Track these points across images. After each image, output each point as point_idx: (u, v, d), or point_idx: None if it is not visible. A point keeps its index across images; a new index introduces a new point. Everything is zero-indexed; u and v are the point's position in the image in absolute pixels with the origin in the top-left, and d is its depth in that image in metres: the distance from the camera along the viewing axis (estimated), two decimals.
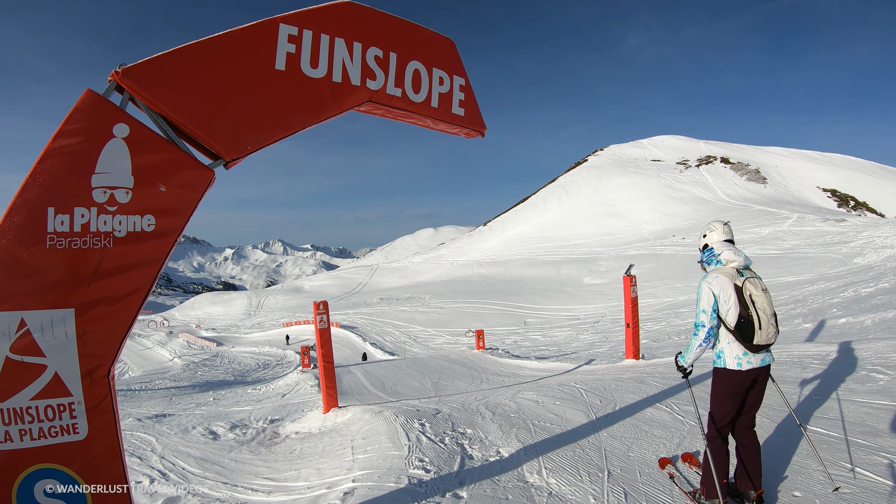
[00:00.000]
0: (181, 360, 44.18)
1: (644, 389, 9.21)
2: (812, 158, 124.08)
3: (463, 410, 9.31)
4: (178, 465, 8.58)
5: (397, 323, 51.45)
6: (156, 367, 43.61)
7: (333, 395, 11.85)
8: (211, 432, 10.88)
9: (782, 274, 42.94)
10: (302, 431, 10.44)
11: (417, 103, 5.07)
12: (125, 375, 40.91)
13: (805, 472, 5.29)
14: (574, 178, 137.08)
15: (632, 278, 14.48)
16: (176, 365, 42.17)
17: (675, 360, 5.20)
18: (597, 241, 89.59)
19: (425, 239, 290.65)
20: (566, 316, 45.19)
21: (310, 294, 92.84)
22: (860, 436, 5.90)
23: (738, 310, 4.40)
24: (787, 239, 60.61)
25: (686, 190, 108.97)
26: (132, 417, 13.53)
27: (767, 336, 4.36)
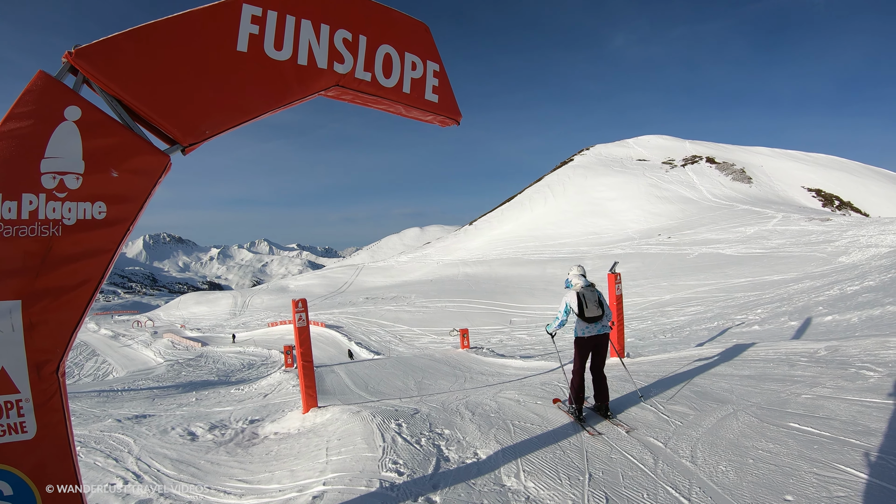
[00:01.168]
0: (165, 361, 43.63)
1: (628, 388, 9.05)
2: (797, 158, 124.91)
3: (442, 410, 9.14)
4: (153, 467, 8.53)
5: (383, 322, 50.97)
6: (140, 367, 42.78)
7: (313, 395, 11.66)
8: (190, 433, 10.83)
9: (767, 273, 42.93)
10: (281, 432, 10.32)
11: (388, 88, 4.85)
12: (109, 376, 40.43)
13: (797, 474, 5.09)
14: (560, 178, 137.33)
15: (616, 276, 14.30)
16: (160, 365, 41.35)
17: (545, 328, 9.04)
18: (582, 241, 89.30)
19: (411, 238, 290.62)
20: (552, 315, 44.44)
21: (295, 293, 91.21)
22: (853, 435, 5.70)
23: (577, 304, 7.46)
24: (772, 238, 60.53)
25: (672, 189, 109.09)
26: (112, 418, 13.45)
27: (593, 311, 7.41)
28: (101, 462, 8.93)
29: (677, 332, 22.95)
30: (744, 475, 5.16)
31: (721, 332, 19.38)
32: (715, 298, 35.20)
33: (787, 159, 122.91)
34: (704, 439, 6.13)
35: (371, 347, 38.59)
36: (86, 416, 14.72)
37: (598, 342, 7.60)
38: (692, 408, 7.26)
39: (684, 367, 10.35)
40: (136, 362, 46.79)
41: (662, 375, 9.74)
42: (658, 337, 22.39)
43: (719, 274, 46.69)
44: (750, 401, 7.30)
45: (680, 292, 41.95)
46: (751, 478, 5.08)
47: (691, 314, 29.88)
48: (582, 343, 7.63)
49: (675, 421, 6.95)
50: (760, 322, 19.72)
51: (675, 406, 7.52)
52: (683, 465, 5.55)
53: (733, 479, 5.12)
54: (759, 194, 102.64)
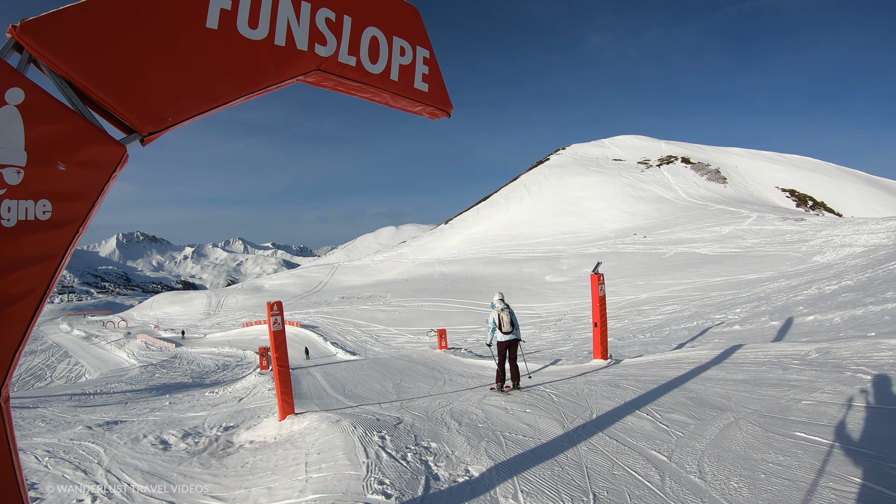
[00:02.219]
0: (139, 362, 42.87)
1: (620, 395, 8.70)
2: (771, 159, 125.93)
3: (426, 420, 8.74)
4: (123, 481, 8.13)
5: (358, 322, 50.41)
6: (113, 368, 41.93)
7: (289, 402, 11.24)
8: (162, 441, 10.48)
9: (742, 272, 43.20)
10: (256, 440, 9.92)
11: (374, 75, 4.33)
12: (82, 378, 39.73)
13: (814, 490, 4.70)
14: (536, 177, 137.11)
15: (599, 276, 13.97)
16: (134, 367, 40.46)
17: (486, 344, 11.20)
18: (559, 240, 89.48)
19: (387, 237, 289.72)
20: (528, 314, 44.54)
21: (270, 293, 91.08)
22: (864, 444, 5.38)
23: (498, 321, 10.58)
24: (747, 238, 61.01)
25: (647, 189, 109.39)
26: (82, 425, 13.05)
27: (506, 327, 10.52)
28: (70, 475, 8.56)
29: (656, 331, 22.78)
30: (758, 492, 4.77)
31: (701, 332, 19.19)
32: (691, 297, 35.30)
33: (761, 160, 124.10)
34: (710, 452, 5.76)
35: (347, 347, 38.20)
36: (56, 423, 14.30)
37: (510, 345, 10.84)
38: (691, 416, 6.90)
39: (673, 370, 10.06)
40: (110, 364, 45.85)
41: (652, 380, 9.41)
42: (637, 336, 22.18)
43: (695, 273, 46.96)
44: (749, 408, 6.98)
45: (656, 291, 42.18)
46: (766, 495, 4.69)
47: (668, 313, 29.91)
48: (500, 346, 10.82)
49: (676, 431, 6.58)
50: (741, 321, 19.55)
51: (672, 415, 7.16)
52: (692, 482, 5.15)
53: (747, 496, 4.73)
54: (733, 194, 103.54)
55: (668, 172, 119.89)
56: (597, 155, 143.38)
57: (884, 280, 20.72)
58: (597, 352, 13.84)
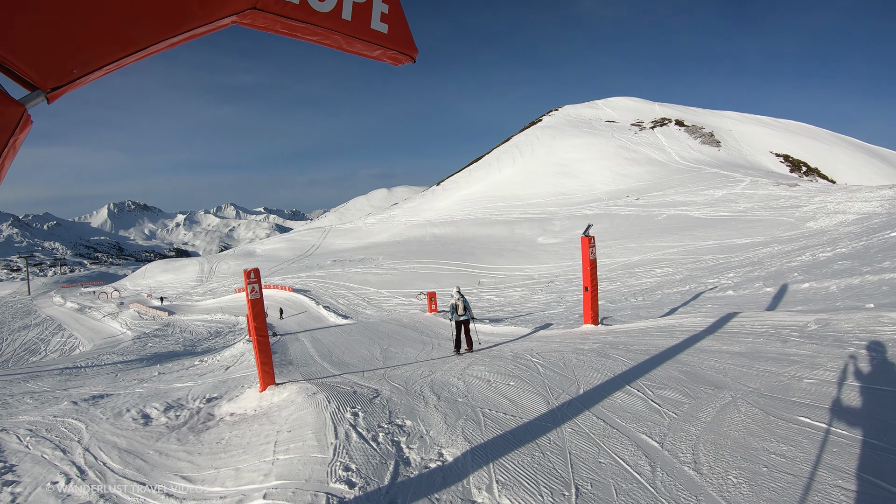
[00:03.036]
0: (132, 332, 42.14)
1: (609, 366, 8.21)
2: (766, 124, 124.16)
3: (405, 392, 8.34)
4: (99, 460, 8.07)
5: (350, 285, 49.88)
6: (107, 340, 41.51)
7: (269, 372, 10.86)
8: (144, 416, 10.41)
9: (735, 236, 42.86)
10: (237, 413, 9.75)
11: (322, 14, 3.63)
12: (75, 351, 39.11)
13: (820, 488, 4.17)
14: (528, 138, 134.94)
15: (590, 239, 13.46)
16: (126, 337, 40.19)
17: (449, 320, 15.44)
18: (551, 201, 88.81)
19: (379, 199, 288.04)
20: (520, 276, 44.42)
21: (262, 258, 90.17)
22: (874, 433, 4.77)
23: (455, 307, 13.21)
24: (740, 202, 60.45)
25: (640, 151, 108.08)
26: (69, 400, 12.92)
27: (460, 311, 13.20)
28: (49, 454, 8.51)
29: (648, 294, 22.47)
30: (760, 490, 4.22)
31: (694, 297, 18.81)
32: (683, 260, 35.09)
33: (755, 124, 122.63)
34: (706, 438, 5.21)
35: (339, 311, 37.77)
36: (44, 399, 14.18)
37: (464, 323, 13.41)
38: (685, 394, 6.40)
39: (666, 339, 9.61)
40: (103, 335, 45.16)
41: (644, 350, 8.95)
42: (629, 300, 21.86)
43: (687, 236, 46.68)
44: (748, 385, 6.47)
45: (648, 254, 41.93)
46: (768, 493, 4.14)
47: (660, 276, 29.74)
48: (456, 324, 13.46)
49: (669, 412, 6.05)
50: (734, 287, 19.17)
51: (665, 391, 6.65)
52: (686, 475, 4.60)
53: (748, 495, 4.18)
54: (727, 158, 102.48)
55: (662, 135, 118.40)
56: (590, 116, 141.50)
57: (880, 249, 20.28)
58: (587, 317, 13.46)
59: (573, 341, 11.27)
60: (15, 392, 15.79)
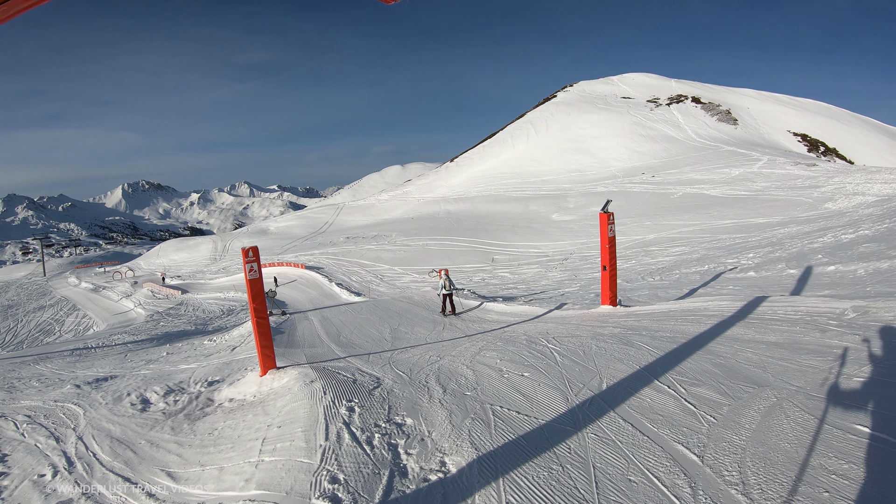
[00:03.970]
0: (145, 311, 41.63)
1: (633, 356, 7.48)
2: (783, 102, 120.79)
3: (408, 383, 7.66)
4: (90, 450, 7.79)
5: (363, 262, 49.14)
6: (120, 319, 40.89)
7: (270, 356, 10.22)
8: (143, 400, 10.07)
9: (752, 215, 41.96)
10: (236, 398, 9.26)
11: None
12: (89, 331, 38.62)
13: None
14: (542, 114, 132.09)
15: (609, 215, 12.70)
16: (140, 316, 39.95)
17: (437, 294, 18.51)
18: (565, 178, 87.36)
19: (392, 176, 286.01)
20: (534, 253, 43.71)
21: (275, 235, 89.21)
22: None
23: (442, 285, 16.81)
24: (757, 181, 59.00)
25: (656, 128, 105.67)
26: (72, 383, 12.62)
27: (447, 287, 16.59)
28: (42, 443, 8.27)
29: (666, 273, 21.78)
30: None
31: (714, 277, 18.13)
32: (700, 239, 34.51)
33: (773, 102, 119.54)
34: (753, 450, 4.40)
35: (352, 288, 37.11)
36: (50, 382, 13.92)
37: (448, 295, 16.43)
38: (722, 392, 5.61)
39: (692, 324, 8.89)
40: (117, 314, 44.70)
41: (670, 336, 8.24)
42: (646, 279, 21.18)
43: (704, 215, 45.86)
44: (792, 384, 5.70)
45: (664, 232, 41.19)
46: None
47: (676, 254, 29.25)
48: (443, 296, 16.55)
49: (706, 415, 5.24)
50: (755, 268, 18.42)
51: (699, 389, 5.88)
52: (735, 501, 3.79)
53: None
54: (744, 136, 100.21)
55: (678, 112, 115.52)
56: (605, 92, 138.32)
57: None
58: (605, 297, 12.76)
59: (591, 324, 10.57)
60: (24, 375, 15.44)
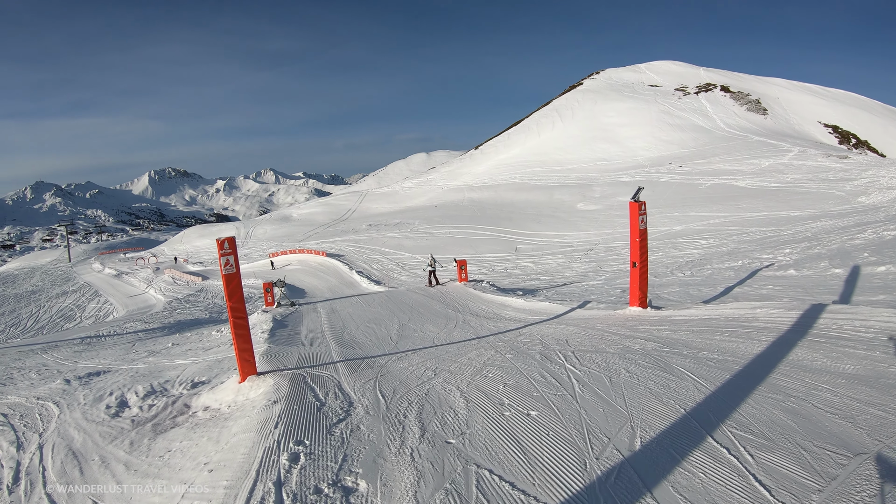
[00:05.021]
0: (165, 298, 40.91)
1: (674, 389, 5.79)
2: (814, 92, 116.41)
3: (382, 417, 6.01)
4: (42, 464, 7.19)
5: (385, 250, 47.93)
6: (140, 305, 40.44)
7: (249, 360, 8.85)
8: (121, 402, 9.42)
9: (783, 208, 40.20)
10: (211, 407, 8.29)
11: None
12: (109, 317, 37.60)
13: None
14: (568, 102, 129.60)
15: (640, 205, 11.12)
16: (159, 303, 39.25)
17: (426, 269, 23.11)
18: (591, 167, 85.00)
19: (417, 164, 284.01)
20: (558, 243, 42.22)
21: (298, 222, 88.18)
22: None
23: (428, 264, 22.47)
24: (788, 172, 56.85)
25: (684, 117, 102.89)
26: (62, 378, 12.02)
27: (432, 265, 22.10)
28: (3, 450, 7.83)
29: (697, 268, 20.13)
30: None
31: (750, 275, 16.39)
32: (728, 232, 33.10)
33: (804, 92, 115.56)
34: None
35: (372, 276, 36.18)
36: (48, 374, 13.43)
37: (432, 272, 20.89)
38: (805, 465, 3.69)
39: (741, 340, 7.23)
40: (138, 301, 43.93)
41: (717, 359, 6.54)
42: (675, 274, 19.56)
43: (733, 206, 44.18)
44: None
45: (692, 223, 39.60)
46: None
47: (705, 247, 27.91)
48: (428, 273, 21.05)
49: None
50: (795, 265, 16.66)
51: (772, 457, 4.09)
52: None
53: None
54: (774, 127, 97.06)
55: (707, 101, 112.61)
56: (632, 80, 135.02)
57: None
58: (634, 298, 11.12)
59: (618, 332, 8.97)
60: (27, 365, 14.97)
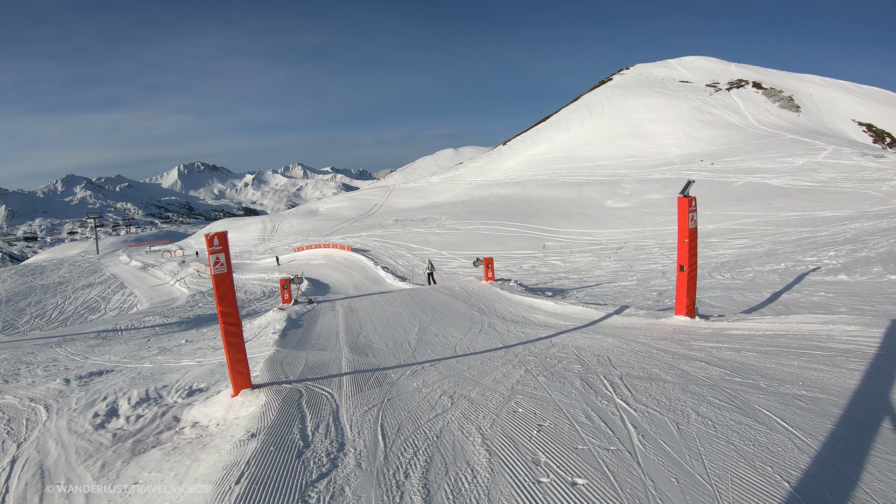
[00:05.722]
0: (189, 291, 41.32)
1: (764, 441, 4.37)
2: (848, 89, 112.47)
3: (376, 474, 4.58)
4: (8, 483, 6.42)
5: (411, 245, 47.48)
6: (164, 298, 40.60)
7: (243, 372, 7.67)
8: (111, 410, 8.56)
9: (818, 208, 38.85)
10: (200, 423, 7.36)
11: None
12: (133, 309, 38.08)
13: None
14: (598, 98, 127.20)
15: (690, 201, 9.83)
16: (183, 295, 39.48)
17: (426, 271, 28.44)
18: (621, 163, 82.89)
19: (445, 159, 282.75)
20: (587, 240, 41.22)
21: (325, 216, 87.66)
22: None
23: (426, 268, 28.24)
24: (822, 171, 54.93)
25: (715, 114, 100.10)
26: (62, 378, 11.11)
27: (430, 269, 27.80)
28: None
29: (736, 270, 18.80)
30: None
31: (797, 279, 14.96)
32: (762, 232, 32.33)
33: (837, 89, 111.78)
34: None
35: (398, 272, 35.65)
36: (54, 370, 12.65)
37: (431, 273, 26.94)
38: None
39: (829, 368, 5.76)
40: (161, 293, 44.45)
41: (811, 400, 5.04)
42: (714, 276, 18.20)
43: (766, 205, 43.18)
44: None
45: (724, 223, 38.47)
46: None
47: (739, 248, 27.04)
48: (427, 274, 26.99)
49: None
50: (844, 269, 15.24)
51: None
52: None
53: None
54: (807, 124, 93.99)
55: (738, 97, 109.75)
56: (662, 76, 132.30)
57: None
58: (681, 305, 9.73)
59: (669, 348, 7.60)
60: (38, 360, 14.24)
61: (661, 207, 49.31)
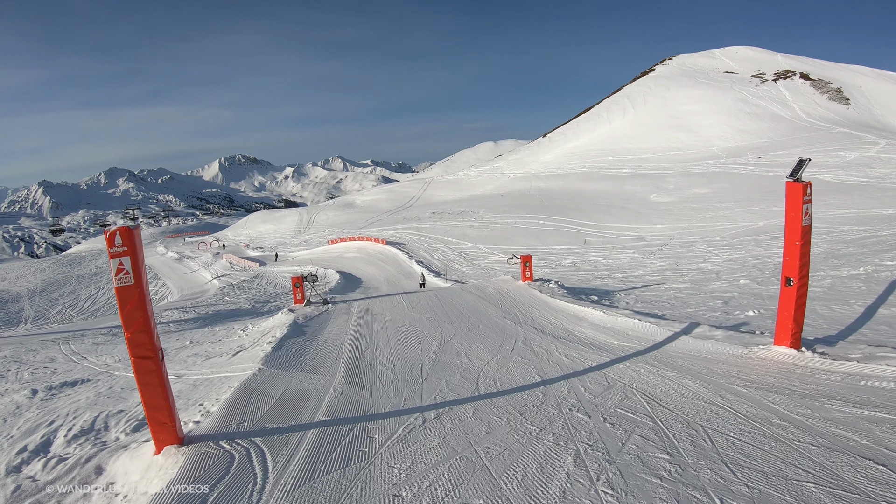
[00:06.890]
0: (220, 283, 40.00)
1: None
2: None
3: None
4: None
5: (448, 239, 45.55)
6: (195, 289, 39.82)
7: (166, 423, 5.65)
8: (45, 444, 7.07)
9: (874, 205, 35.72)
10: (116, 484, 5.58)
11: None
12: (163, 301, 37.30)
13: None
14: (640, 89, 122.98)
15: (805, 187, 7.43)
16: (213, 287, 38.31)
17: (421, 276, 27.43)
18: (664, 156, 79.85)
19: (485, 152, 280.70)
20: (630, 236, 39.02)
21: (361, 209, 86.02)
22: None
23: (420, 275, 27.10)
24: (876, 166, 51.38)
25: (762, 105, 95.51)
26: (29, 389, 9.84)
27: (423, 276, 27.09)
28: None
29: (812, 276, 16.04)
30: None
31: (889, 289, 12.53)
32: (817, 230, 28.90)
33: (888, 81, 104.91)
34: None
35: (432, 267, 33.92)
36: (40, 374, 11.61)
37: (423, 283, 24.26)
38: None
39: None
40: (193, 284, 43.75)
41: None
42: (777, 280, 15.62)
43: (818, 202, 38.88)
44: None
45: (775, 219, 35.77)
46: None
47: None
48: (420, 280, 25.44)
49: None
50: None
51: None
52: None
53: None
54: (856, 117, 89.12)
55: (785, 88, 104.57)
56: (706, 66, 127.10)
57: None
58: (784, 332, 7.45)
59: (794, 411, 5.37)
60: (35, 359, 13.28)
61: (706, 202, 46.78)
